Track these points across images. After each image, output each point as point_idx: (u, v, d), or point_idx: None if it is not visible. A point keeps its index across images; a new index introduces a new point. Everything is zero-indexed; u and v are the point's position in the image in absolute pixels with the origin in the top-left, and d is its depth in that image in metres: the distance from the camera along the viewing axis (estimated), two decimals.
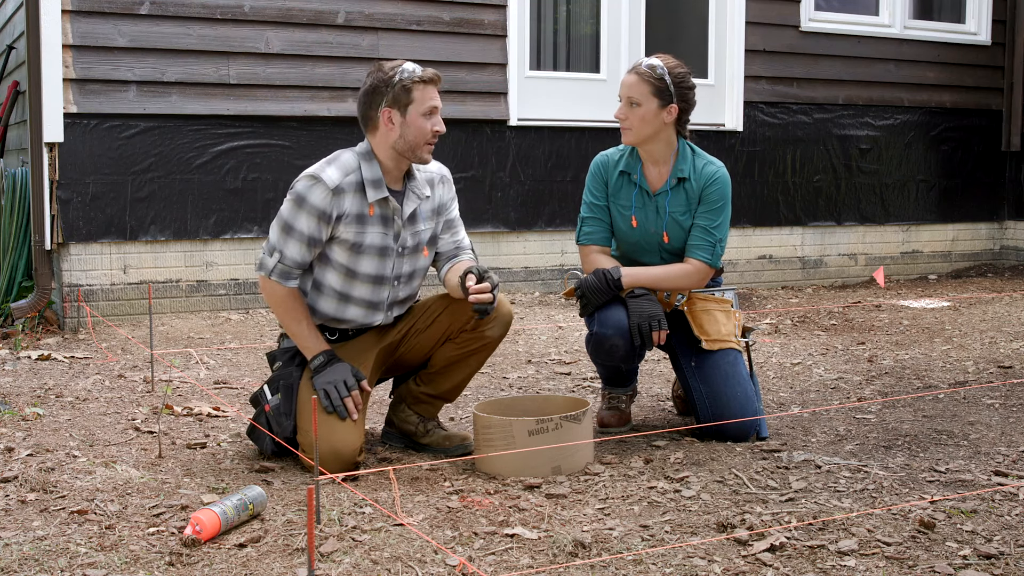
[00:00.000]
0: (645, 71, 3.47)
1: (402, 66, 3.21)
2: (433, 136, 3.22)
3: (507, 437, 3.08)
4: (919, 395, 4.19)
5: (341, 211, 3.18)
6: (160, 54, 5.88)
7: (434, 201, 3.40)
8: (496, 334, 3.40)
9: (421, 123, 3.20)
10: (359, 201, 3.21)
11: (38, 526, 2.68)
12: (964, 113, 8.38)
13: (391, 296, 3.35)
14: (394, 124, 3.20)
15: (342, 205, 3.18)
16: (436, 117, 3.23)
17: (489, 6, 6.67)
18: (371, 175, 3.23)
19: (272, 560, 2.47)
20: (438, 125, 3.23)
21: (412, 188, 3.32)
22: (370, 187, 3.21)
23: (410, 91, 3.18)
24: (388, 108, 3.20)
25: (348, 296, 3.30)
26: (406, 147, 3.21)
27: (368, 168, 3.23)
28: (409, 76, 3.18)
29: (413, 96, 3.19)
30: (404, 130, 3.20)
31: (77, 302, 5.72)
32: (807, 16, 7.68)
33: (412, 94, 3.19)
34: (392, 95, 3.19)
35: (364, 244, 3.23)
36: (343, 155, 3.26)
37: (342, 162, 3.23)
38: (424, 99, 3.19)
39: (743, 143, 7.50)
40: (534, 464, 3.08)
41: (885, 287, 7.64)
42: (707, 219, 3.51)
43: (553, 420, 3.10)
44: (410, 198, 3.31)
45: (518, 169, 6.83)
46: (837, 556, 2.44)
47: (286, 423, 3.20)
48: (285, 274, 3.23)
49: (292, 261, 3.21)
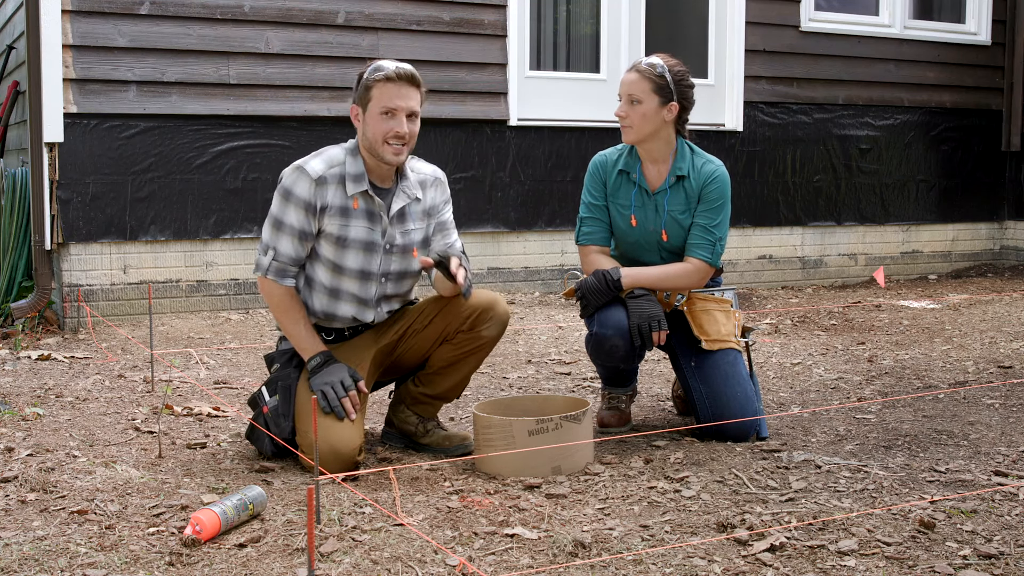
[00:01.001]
0: (646, 69, 3.48)
1: (376, 63, 3.24)
2: (394, 137, 3.19)
3: (507, 437, 3.08)
4: (919, 395, 4.18)
5: (324, 202, 3.21)
6: (160, 54, 5.88)
7: (425, 203, 3.40)
8: (493, 334, 3.39)
9: (377, 122, 3.20)
10: (342, 194, 3.23)
11: (38, 526, 2.68)
12: (964, 113, 8.38)
13: (379, 292, 3.35)
14: (359, 121, 3.26)
15: (325, 196, 3.21)
16: (396, 119, 3.19)
17: (489, 6, 6.67)
18: (354, 169, 3.26)
19: (272, 560, 2.47)
20: (399, 127, 3.18)
21: (403, 187, 3.33)
22: (350, 180, 3.24)
23: (369, 89, 3.21)
24: (355, 104, 3.27)
25: (337, 291, 3.31)
26: (368, 145, 3.24)
27: (352, 163, 3.26)
28: (372, 75, 3.20)
29: (371, 94, 3.21)
30: (365, 127, 3.24)
31: (77, 302, 5.72)
32: (807, 16, 7.68)
33: (371, 92, 3.21)
34: (358, 92, 3.25)
35: (349, 238, 3.24)
36: (331, 149, 3.31)
37: (328, 155, 3.28)
38: (381, 98, 3.19)
39: (743, 143, 7.50)
40: (534, 464, 3.08)
41: (885, 287, 7.64)
42: (706, 218, 3.51)
43: (553, 420, 3.10)
44: (399, 196, 3.31)
45: (518, 169, 6.83)
46: (837, 556, 2.44)
47: (284, 424, 3.20)
48: (280, 271, 3.25)
49: (286, 257, 3.24)
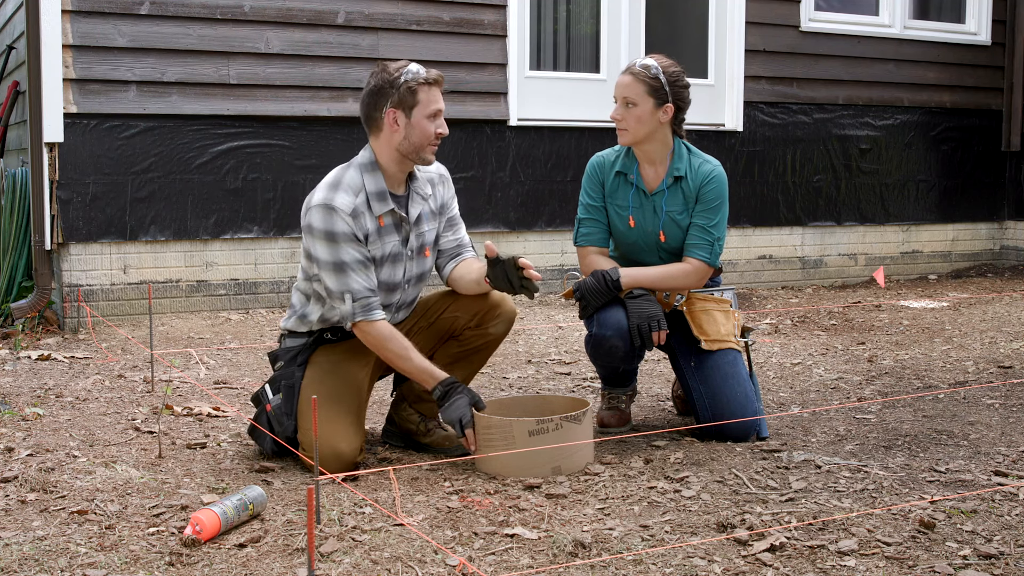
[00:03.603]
0: (640, 71, 3.46)
1: (407, 67, 3.19)
2: (437, 138, 3.22)
3: (507, 437, 3.07)
4: (919, 395, 4.18)
5: (364, 231, 3.18)
6: (160, 54, 5.88)
7: (436, 200, 3.40)
8: (500, 331, 3.40)
9: (425, 125, 3.19)
10: (372, 218, 3.21)
11: (38, 526, 2.68)
12: (964, 113, 8.38)
13: (401, 299, 3.35)
14: (399, 126, 3.19)
15: (364, 226, 3.18)
16: (440, 119, 3.23)
17: (489, 6, 6.67)
18: (375, 187, 3.21)
19: (272, 560, 2.47)
20: (442, 127, 3.22)
21: (415, 189, 3.32)
22: (375, 200, 3.20)
23: (415, 93, 3.17)
24: (393, 109, 3.18)
25: None
26: (410, 148, 3.21)
27: (371, 180, 3.22)
28: (415, 78, 3.17)
29: (419, 98, 3.17)
30: (409, 132, 3.19)
31: (77, 302, 5.72)
32: (807, 16, 7.68)
33: (418, 96, 3.17)
34: (397, 96, 3.18)
35: (383, 255, 3.24)
36: (346, 175, 3.22)
37: (347, 183, 3.19)
38: (429, 101, 3.18)
39: (743, 143, 7.50)
40: (534, 464, 3.07)
41: (885, 287, 7.64)
42: (705, 218, 3.51)
43: (553, 420, 3.09)
44: (415, 200, 3.31)
45: (518, 169, 6.83)
46: (837, 556, 2.44)
47: (287, 423, 3.20)
48: (367, 307, 3.16)
49: (364, 291, 3.16)
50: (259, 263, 6.20)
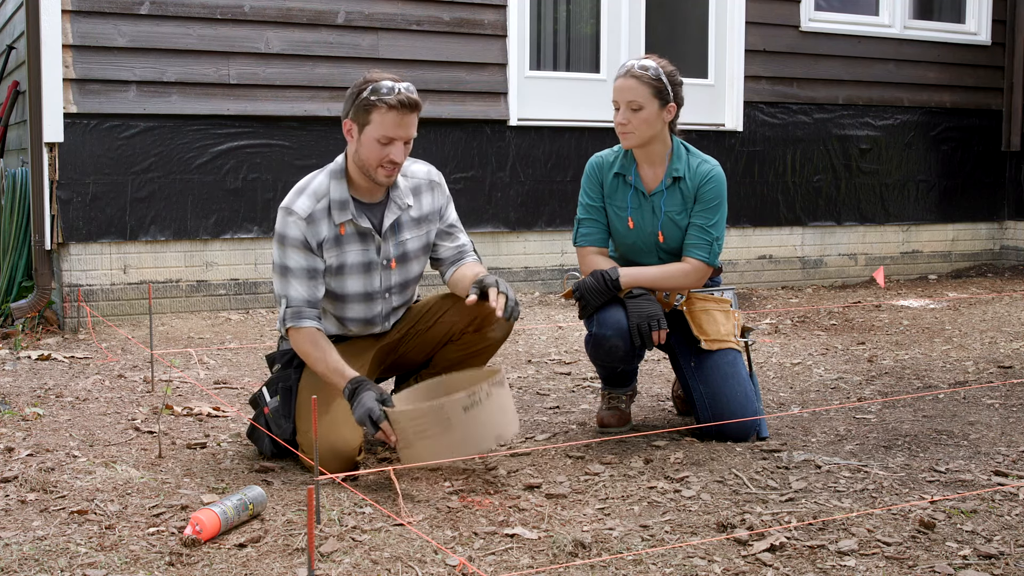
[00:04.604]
0: (642, 74, 3.44)
1: (380, 83, 3.07)
2: (387, 164, 3.11)
3: (442, 422, 2.92)
4: (919, 395, 4.18)
5: (319, 238, 3.15)
6: (160, 54, 5.88)
7: (420, 209, 3.33)
8: (499, 336, 3.39)
9: (373, 147, 3.09)
10: (332, 225, 3.17)
11: (38, 526, 2.68)
12: (964, 113, 8.38)
13: (384, 308, 3.34)
14: (353, 138, 3.14)
15: (319, 232, 3.15)
16: (392, 147, 3.08)
17: (489, 6, 6.67)
18: (338, 195, 3.17)
19: (272, 560, 2.47)
20: (395, 156, 3.09)
21: (394, 198, 3.26)
22: (335, 208, 3.16)
23: (369, 112, 3.07)
24: (349, 120, 3.14)
25: (343, 318, 3.31)
26: (361, 163, 3.15)
27: (337, 187, 3.17)
28: (377, 97, 3.05)
29: (371, 118, 3.07)
30: (359, 148, 3.13)
31: (77, 302, 5.72)
32: (807, 16, 7.68)
33: (370, 116, 3.07)
34: (354, 109, 3.11)
35: (346, 264, 3.21)
36: (316, 179, 3.20)
37: (313, 187, 3.18)
38: (383, 126, 3.06)
39: (743, 143, 7.50)
40: (480, 438, 2.94)
41: (885, 287, 7.64)
42: (703, 218, 3.51)
43: (483, 389, 2.94)
44: (391, 208, 3.25)
45: (518, 169, 6.83)
46: (837, 556, 2.44)
47: (285, 425, 3.20)
48: (297, 315, 3.15)
49: (299, 300, 3.15)
50: (259, 263, 6.20)
